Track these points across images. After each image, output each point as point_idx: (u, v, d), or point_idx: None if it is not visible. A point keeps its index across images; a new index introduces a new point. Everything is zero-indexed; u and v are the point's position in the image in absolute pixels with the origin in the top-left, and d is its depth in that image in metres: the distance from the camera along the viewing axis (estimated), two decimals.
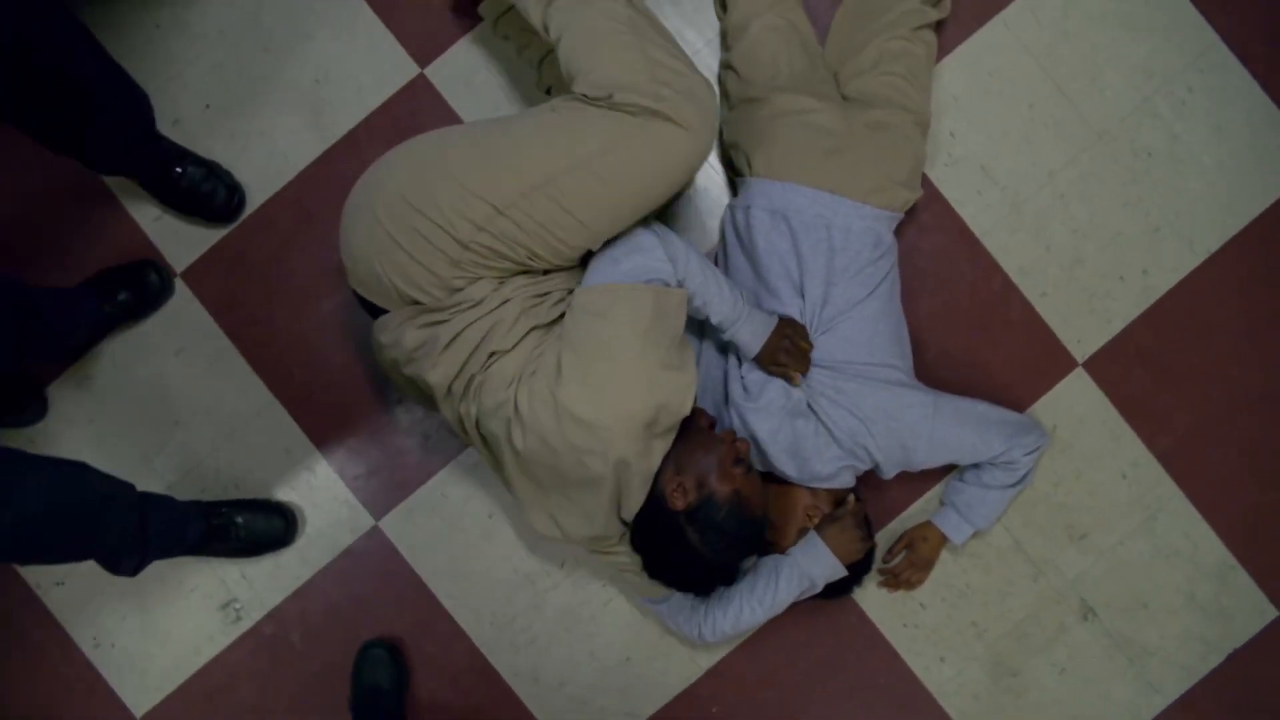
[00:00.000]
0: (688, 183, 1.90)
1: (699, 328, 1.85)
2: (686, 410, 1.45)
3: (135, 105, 1.68)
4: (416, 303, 1.47)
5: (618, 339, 1.38)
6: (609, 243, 1.51)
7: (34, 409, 1.93)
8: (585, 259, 1.53)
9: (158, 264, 1.95)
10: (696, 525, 1.50)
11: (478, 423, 1.52)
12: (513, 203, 1.38)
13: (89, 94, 1.53)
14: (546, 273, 1.51)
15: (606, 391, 1.38)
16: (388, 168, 1.47)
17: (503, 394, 1.46)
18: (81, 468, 1.56)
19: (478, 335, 1.46)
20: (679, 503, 1.50)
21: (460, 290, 1.44)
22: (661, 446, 1.47)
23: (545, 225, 1.40)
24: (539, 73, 1.88)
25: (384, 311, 1.56)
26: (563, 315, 1.48)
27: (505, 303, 1.46)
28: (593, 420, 1.38)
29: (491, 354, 1.46)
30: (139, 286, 1.93)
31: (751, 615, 1.80)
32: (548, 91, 1.88)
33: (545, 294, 1.49)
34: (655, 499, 1.51)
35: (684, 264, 1.52)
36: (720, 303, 1.58)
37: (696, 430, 1.56)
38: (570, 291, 1.52)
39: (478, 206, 1.38)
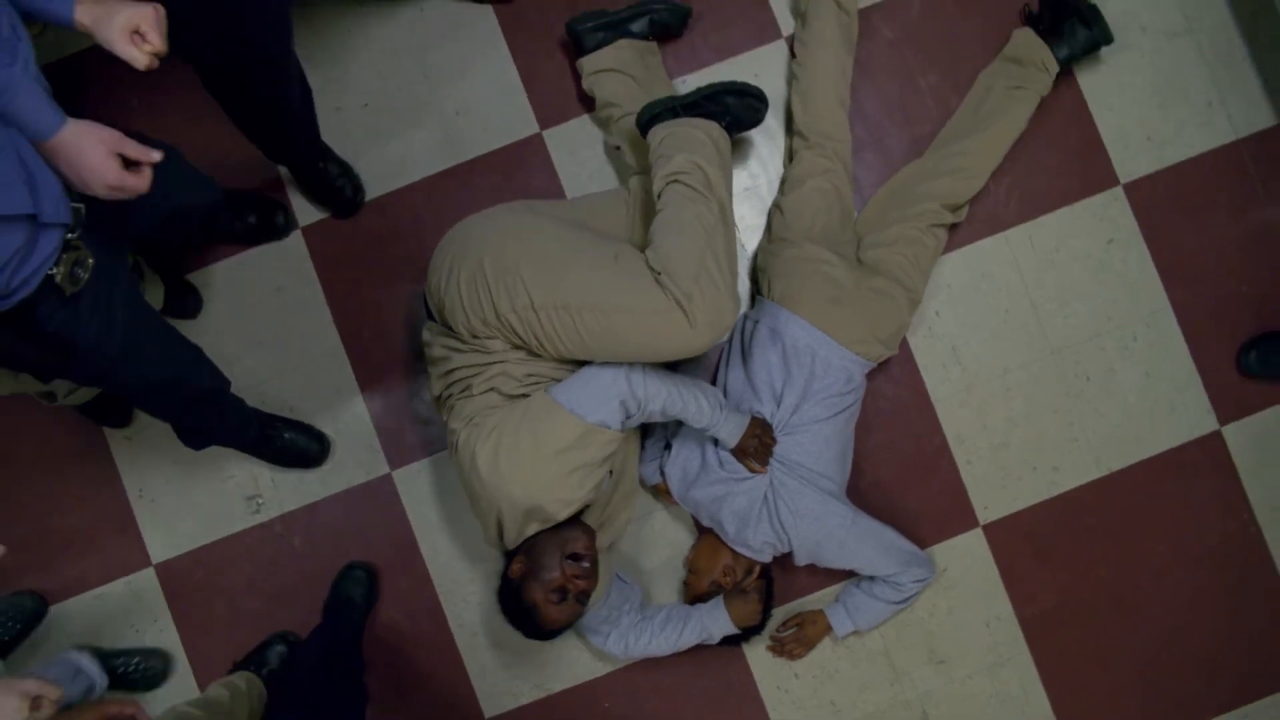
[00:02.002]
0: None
1: None
2: (558, 519, 1.85)
3: (314, 123, 2.15)
4: (449, 326, 1.91)
5: (535, 445, 1.78)
6: (599, 366, 1.88)
7: (193, 305, 2.38)
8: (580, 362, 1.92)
9: (288, 210, 2.39)
10: (512, 596, 1.91)
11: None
12: (545, 306, 1.79)
13: (285, 117, 2.00)
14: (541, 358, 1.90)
15: (504, 473, 1.77)
16: (486, 230, 1.89)
17: (457, 424, 1.90)
18: (201, 354, 2.00)
19: (466, 375, 1.90)
20: (513, 573, 1.91)
21: (479, 339, 1.87)
22: (536, 526, 1.87)
23: (559, 333, 1.81)
24: (609, 133, 2.32)
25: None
26: (523, 395, 1.87)
27: (498, 363, 1.87)
28: (487, 483, 1.80)
29: (465, 389, 1.89)
30: (267, 220, 2.37)
31: (657, 647, 2.23)
32: (617, 149, 2.32)
33: (529, 374, 1.87)
34: (509, 555, 1.93)
35: (663, 402, 1.89)
36: (700, 416, 1.97)
37: (564, 543, 1.88)
38: (546, 379, 1.89)
39: (521, 295, 1.79)
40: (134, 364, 1.74)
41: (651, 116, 2.07)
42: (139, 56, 1.34)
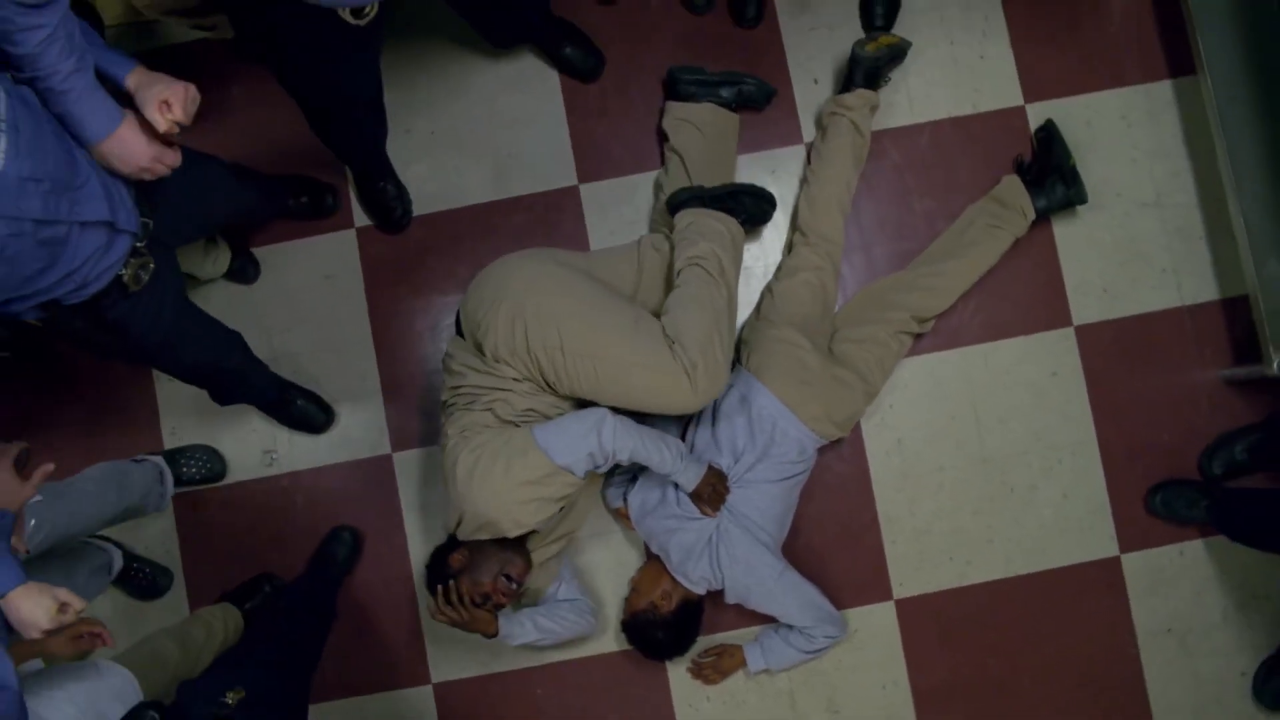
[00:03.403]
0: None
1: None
2: (507, 535, 2.18)
3: (382, 144, 2.51)
4: (479, 346, 2.24)
5: (507, 471, 2.09)
6: (583, 413, 2.19)
7: (252, 273, 2.72)
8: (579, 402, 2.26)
9: (336, 190, 2.73)
10: (442, 575, 2.27)
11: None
12: (573, 352, 2.14)
13: (362, 145, 2.39)
14: (550, 391, 2.23)
15: (475, 486, 2.11)
16: (528, 276, 2.21)
17: (451, 430, 2.23)
18: (237, 339, 2.35)
19: (474, 392, 2.23)
20: (453, 561, 2.26)
21: (499, 363, 2.20)
22: (487, 534, 2.20)
23: (579, 375, 2.15)
24: (664, 170, 2.67)
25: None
26: (514, 424, 2.20)
27: (505, 391, 2.20)
28: (459, 489, 2.14)
29: (469, 403, 2.23)
30: (316, 200, 2.72)
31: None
32: (659, 187, 2.67)
33: (527, 409, 2.20)
34: (456, 543, 2.28)
35: (630, 452, 2.17)
36: (662, 465, 2.26)
37: (505, 562, 2.25)
38: (538, 417, 2.21)
39: (554, 339, 2.14)
40: (177, 350, 2.13)
41: (680, 201, 2.42)
42: (160, 121, 1.66)
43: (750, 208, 2.49)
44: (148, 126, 1.68)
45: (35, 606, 1.63)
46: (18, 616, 1.63)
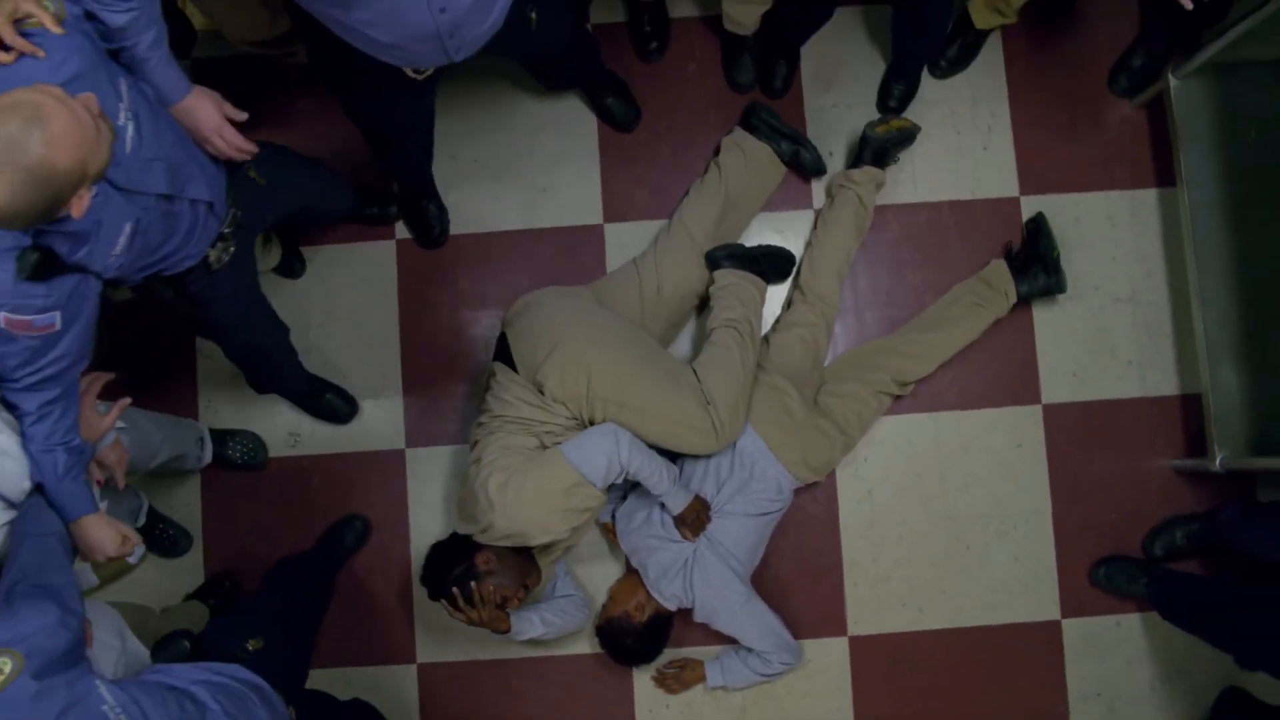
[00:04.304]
0: None
1: None
2: (533, 544, 2.45)
3: (428, 168, 2.77)
4: (539, 386, 2.48)
5: (538, 484, 2.35)
6: (601, 427, 2.45)
7: (298, 269, 2.97)
8: None
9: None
10: (455, 570, 2.48)
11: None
12: (627, 406, 2.43)
13: (412, 167, 2.67)
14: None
15: (509, 501, 2.35)
16: (588, 330, 2.49)
17: (493, 447, 2.46)
18: (287, 332, 2.59)
19: (523, 422, 2.48)
20: (477, 563, 2.47)
21: (557, 402, 2.47)
22: (511, 543, 2.44)
23: (626, 422, 2.44)
24: (701, 179, 2.89)
25: (506, 353, 2.57)
26: (543, 446, 2.47)
27: (555, 424, 2.46)
28: (494, 501, 2.36)
29: (519, 428, 2.48)
30: (383, 210, 2.96)
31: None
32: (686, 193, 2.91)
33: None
34: (474, 543, 2.49)
35: (637, 467, 2.43)
36: (659, 485, 2.52)
37: (527, 574, 2.50)
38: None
39: (614, 394, 2.43)
40: (243, 329, 2.40)
41: (718, 259, 2.72)
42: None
43: (777, 268, 2.84)
44: (218, 104, 1.93)
45: (103, 535, 1.88)
46: (87, 541, 1.86)
